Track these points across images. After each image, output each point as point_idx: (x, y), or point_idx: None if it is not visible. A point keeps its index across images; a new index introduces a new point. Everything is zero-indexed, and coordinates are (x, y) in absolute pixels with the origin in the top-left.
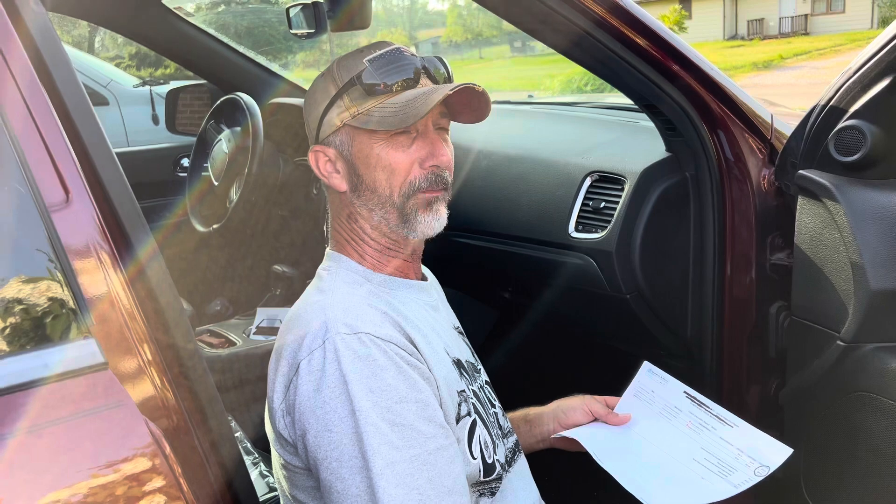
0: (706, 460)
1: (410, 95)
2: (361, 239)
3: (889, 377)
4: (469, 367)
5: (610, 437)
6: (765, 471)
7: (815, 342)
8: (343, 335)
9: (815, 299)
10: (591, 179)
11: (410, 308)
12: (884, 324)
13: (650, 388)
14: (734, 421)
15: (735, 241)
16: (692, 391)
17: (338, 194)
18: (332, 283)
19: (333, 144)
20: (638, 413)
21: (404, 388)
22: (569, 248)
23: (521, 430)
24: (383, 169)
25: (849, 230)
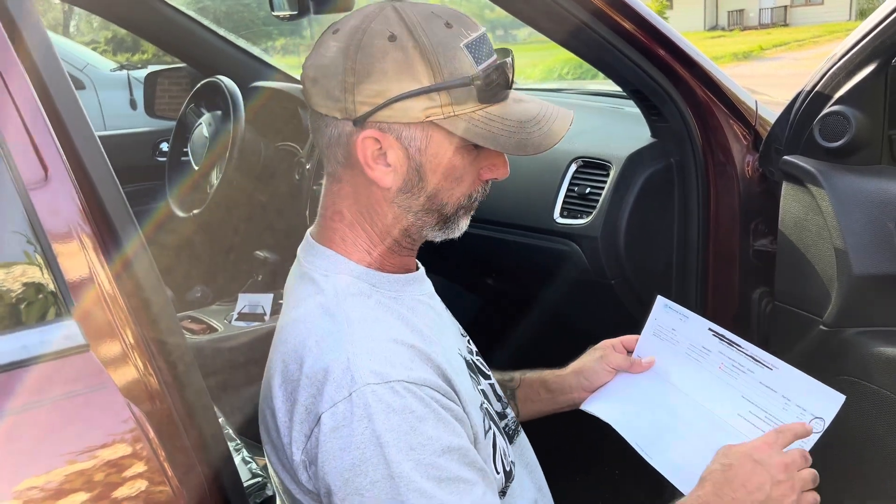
0: (752, 414)
1: (521, 113)
2: (379, 237)
3: (871, 361)
4: (471, 360)
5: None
6: (820, 424)
7: (797, 327)
8: (373, 386)
9: (798, 284)
10: (577, 165)
11: (421, 316)
12: (866, 308)
13: (670, 326)
14: (773, 362)
15: (719, 228)
16: (718, 328)
17: (368, 188)
18: (336, 298)
19: (398, 135)
20: (662, 356)
21: (446, 437)
22: (554, 234)
23: (542, 398)
24: (454, 179)
25: (833, 216)
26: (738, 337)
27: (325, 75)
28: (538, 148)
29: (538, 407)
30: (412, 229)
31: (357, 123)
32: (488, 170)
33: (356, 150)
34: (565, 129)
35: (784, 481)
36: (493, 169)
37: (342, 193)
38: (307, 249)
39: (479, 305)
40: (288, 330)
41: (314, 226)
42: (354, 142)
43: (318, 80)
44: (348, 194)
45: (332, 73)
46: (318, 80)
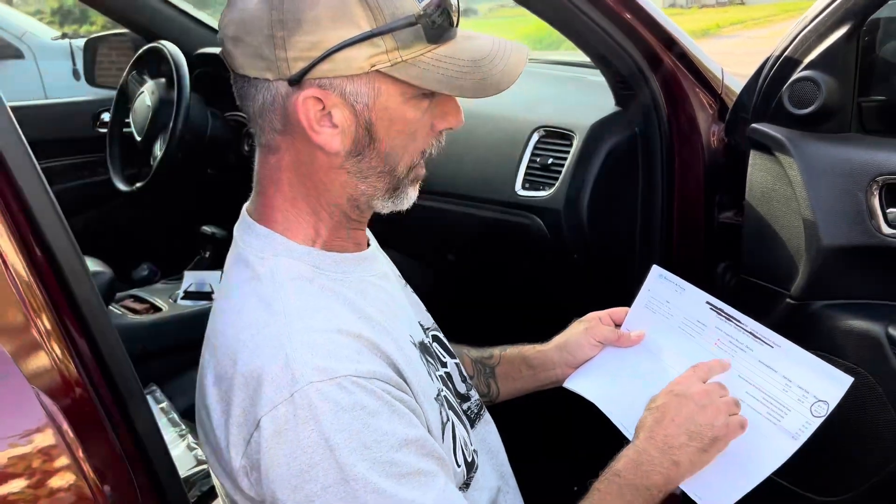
0: (748, 395)
1: (475, 51)
2: (326, 211)
3: (839, 335)
4: (429, 344)
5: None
6: (823, 408)
7: (763, 301)
8: (317, 384)
9: (764, 257)
10: (539, 135)
11: (371, 300)
12: (834, 281)
13: (664, 298)
14: (775, 339)
15: (683, 200)
16: (717, 301)
17: (311, 155)
18: (273, 284)
19: (342, 91)
20: (653, 330)
21: (402, 429)
22: (516, 207)
23: (524, 375)
24: (408, 135)
25: (802, 185)
26: (737, 311)
27: (249, 32)
28: (498, 87)
29: (520, 385)
30: (361, 199)
31: (293, 83)
32: (442, 119)
33: (296, 113)
34: (523, 64)
35: (708, 405)
36: (446, 118)
37: (281, 164)
38: (243, 229)
39: (439, 281)
40: (220, 321)
41: (250, 202)
42: (293, 104)
43: (240, 38)
44: (288, 165)
45: (256, 28)
46: (241, 38)
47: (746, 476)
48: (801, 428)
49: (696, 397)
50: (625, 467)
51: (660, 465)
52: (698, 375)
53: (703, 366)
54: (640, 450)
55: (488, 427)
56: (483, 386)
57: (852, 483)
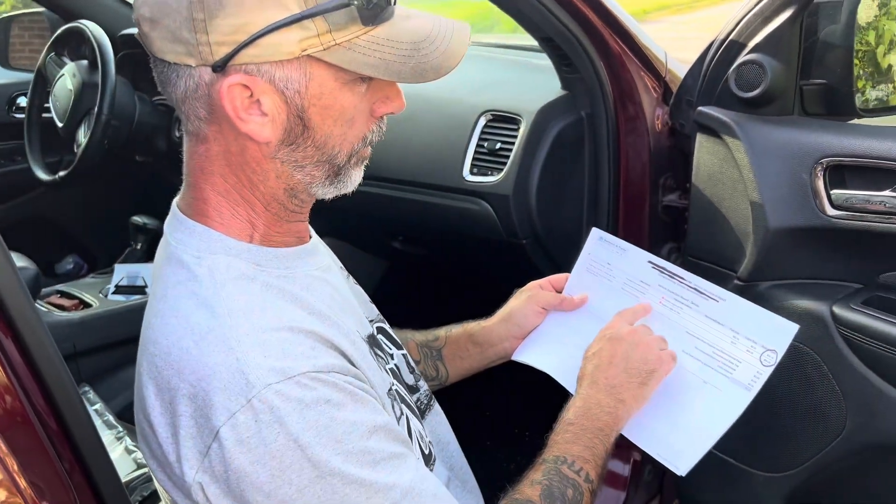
0: (698, 350)
1: (414, 32)
2: (263, 204)
3: (785, 314)
4: (376, 336)
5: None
6: (772, 357)
7: (711, 282)
8: (275, 386)
9: (711, 239)
10: (486, 119)
11: (317, 294)
12: (781, 261)
13: (605, 260)
14: (719, 293)
15: (629, 183)
16: (659, 260)
17: (241, 145)
18: (213, 285)
19: (270, 77)
20: (597, 293)
21: (370, 416)
22: (463, 193)
23: (471, 353)
24: (345, 122)
25: (748, 168)
26: (680, 269)
27: (166, 13)
28: (439, 71)
29: (468, 364)
30: (299, 188)
31: (217, 69)
32: (382, 103)
33: (221, 101)
34: (465, 46)
35: (639, 342)
36: (387, 102)
37: (210, 155)
38: (175, 225)
39: (386, 269)
40: (157, 327)
41: (180, 195)
42: (218, 91)
43: (157, 20)
44: (218, 155)
45: (173, 9)
46: (158, 20)
47: (707, 431)
48: (753, 378)
49: (627, 337)
50: (575, 415)
51: (607, 406)
52: (625, 319)
53: (627, 311)
54: (585, 396)
55: (438, 418)
56: (431, 369)
57: (798, 459)
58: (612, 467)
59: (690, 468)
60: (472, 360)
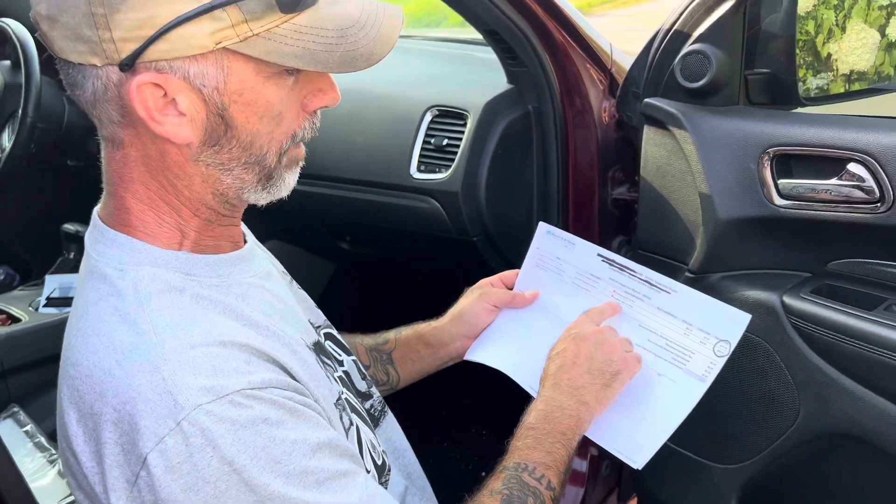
0: (651, 342)
1: (340, 18)
2: (191, 210)
3: (736, 305)
4: (323, 344)
5: (529, 346)
6: (725, 348)
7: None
8: (207, 406)
9: (661, 231)
10: (432, 115)
11: (254, 303)
12: (730, 252)
13: (554, 255)
14: (671, 285)
15: (578, 178)
16: (608, 252)
17: (160, 149)
18: (137, 299)
19: (184, 74)
20: (548, 288)
21: (313, 433)
22: (411, 191)
23: (422, 355)
24: (271, 118)
25: (696, 159)
26: (630, 261)
27: (64, 9)
28: (370, 59)
29: (419, 366)
30: (230, 192)
31: (125, 68)
32: (314, 97)
33: (132, 102)
34: (398, 31)
35: (604, 343)
36: (319, 95)
37: (128, 161)
38: (96, 237)
39: (334, 271)
40: (78, 347)
41: (101, 204)
42: (128, 92)
43: (55, 17)
44: (137, 161)
45: (71, 4)
46: (56, 17)
47: (663, 423)
48: (706, 369)
49: (592, 337)
50: (537, 419)
51: (569, 409)
52: (591, 319)
53: (594, 310)
54: (547, 398)
55: (392, 425)
56: (381, 373)
57: (752, 449)
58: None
59: (647, 461)
60: (424, 361)
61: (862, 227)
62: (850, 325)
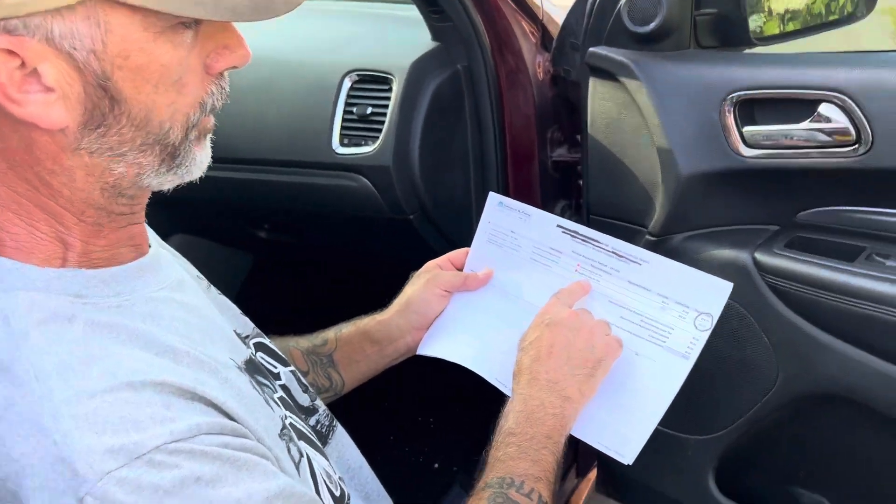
0: (624, 320)
1: None
2: (73, 214)
3: (704, 267)
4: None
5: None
6: (707, 321)
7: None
8: (117, 473)
9: (615, 193)
10: (351, 80)
11: (166, 323)
12: (694, 210)
13: (508, 228)
14: (641, 255)
15: (516, 141)
16: (569, 223)
17: (25, 138)
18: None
19: (46, 34)
20: (504, 266)
21: (259, 486)
22: (335, 168)
23: (369, 354)
24: (170, 85)
25: (652, 111)
26: (594, 231)
27: None
28: (289, 2)
29: (365, 366)
30: (123, 183)
31: None
32: (218, 56)
33: None
34: None
35: (581, 327)
36: (224, 54)
37: None
38: None
39: (252, 265)
40: None
41: None
42: None
43: None
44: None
45: None
46: None
47: (648, 410)
48: (689, 346)
49: (568, 322)
50: (517, 423)
51: (552, 407)
52: (563, 301)
53: (563, 291)
54: (525, 397)
55: (343, 440)
56: (322, 379)
57: (728, 418)
58: None
59: (636, 454)
60: (371, 361)
61: (837, 172)
62: (830, 279)
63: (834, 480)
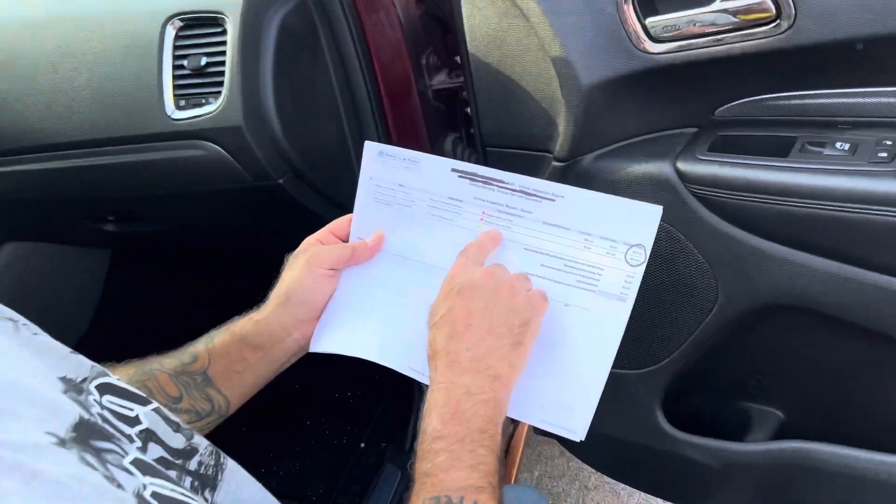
0: (546, 268)
1: None
2: None
3: (622, 187)
4: (96, 408)
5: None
6: (640, 253)
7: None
8: None
9: (509, 119)
10: (175, 28)
11: None
12: (602, 124)
13: (395, 182)
14: (553, 190)
15: (387, 72)
16: (465, 165)
17: None
18: None
19: None
20: (397, 228)
21: None
22: (175, 138)
23: (251, 362)
24: None
25: (541, 15)
26: (495, 170)
27: None
28: None
29: (251, 377)
30: None
31: None
32: None
33: None
34: None
35: (500, 287)
36: None
37: None
38: None
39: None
40: None
41: None
42: None
43: None
44: None
45: None
46: None
47: (592, 368)
48: (624, 285)
49: (482, 284)
50: (442, 423)
51: (480, 392)
52: (472, 259)
53: (471, 247)
54: (447, 387)
55: (237, 476)
56: (202, 402)
57: (670, 347)
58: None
59: (587, 428)
60: (256, 370)
61: (757, 56)
62: (764, 180)
63: (786, 391)
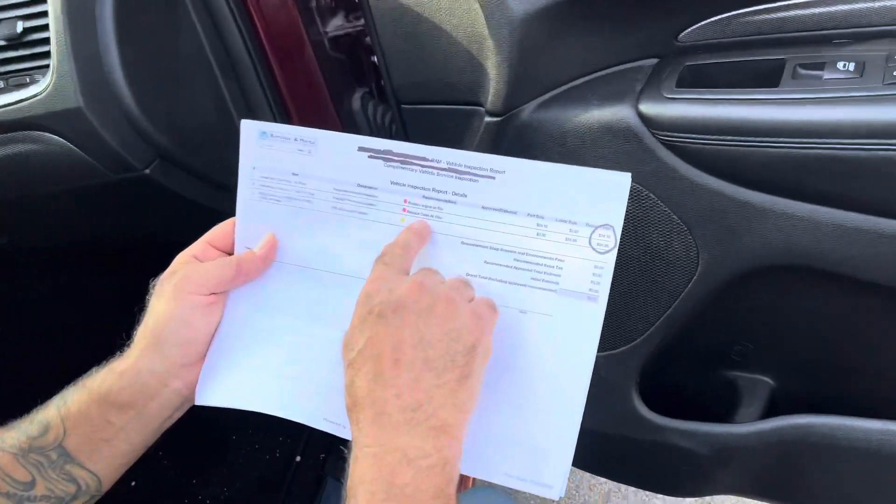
0: (490, 265)
1: None
2: None
3: (570, 138)
4: None
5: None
6: (609, 236)
7: (450, 129)
8: None
9: (427, 67)
10: None
11: None
12: (542, 64)
13: (286, 170)
14: (491, 164)
15: (269, 23)
16: (374, 141)
17: None
18: None
19: None
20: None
21: None
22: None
23: (123, 427)
24: None
25: None
26: (415, 145)
27: None
28: None
29: (125, 445)
30: None
31: None
32: None
33: None
34: None
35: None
36: None
37: None
38: None
39: None
40: None
41: None
42: None
43: None
44: None
45: None
46: None
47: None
48: (592, 279)
49: (409, 301)
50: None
51: (422, 457)
52: (393, 266)
53: (389, 249)
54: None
55: None
56: (63, 484)
57: (644, 324)
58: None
59: (565, 479)
60: (129, 435)
61: None
62: (751, 118)
63: (775, 355)
